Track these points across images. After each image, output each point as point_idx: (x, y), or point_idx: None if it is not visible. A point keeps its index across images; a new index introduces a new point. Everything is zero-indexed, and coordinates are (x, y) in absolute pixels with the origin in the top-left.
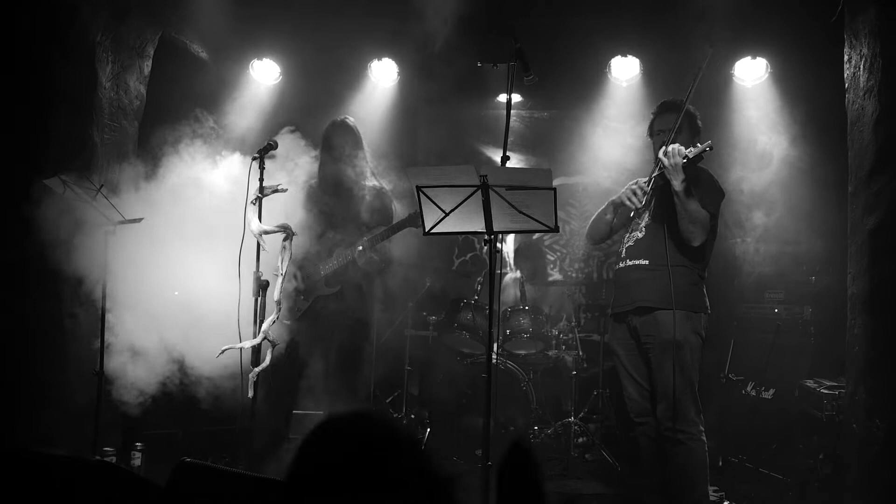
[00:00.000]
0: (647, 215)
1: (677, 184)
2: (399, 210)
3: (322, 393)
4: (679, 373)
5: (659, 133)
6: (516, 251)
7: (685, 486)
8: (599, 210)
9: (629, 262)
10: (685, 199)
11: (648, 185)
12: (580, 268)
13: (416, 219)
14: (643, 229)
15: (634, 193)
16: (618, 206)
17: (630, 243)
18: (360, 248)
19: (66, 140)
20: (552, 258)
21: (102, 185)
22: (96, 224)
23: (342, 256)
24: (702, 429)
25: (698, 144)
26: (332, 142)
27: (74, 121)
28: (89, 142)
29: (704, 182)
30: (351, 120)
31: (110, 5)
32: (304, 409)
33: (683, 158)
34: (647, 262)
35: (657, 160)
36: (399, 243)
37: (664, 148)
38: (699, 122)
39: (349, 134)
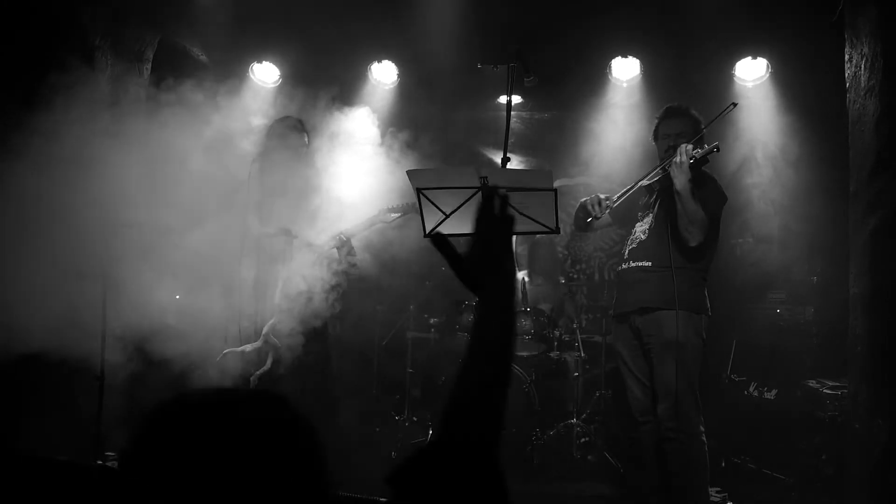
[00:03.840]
0: (649, 217)
1: (680, 182)
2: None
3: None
4: (682, 372)
5: (664, 137)
6: (534, 243)
7: (685, 486)
8: (577, 205)
9: (632, 264)
10: (687, 198)
11: (625, 194)
12: (582, 269)
13: (386, 215)
14: (646, 231)
15: (599, 203)
16: (581, 209)
17: (633, 245)
18: (334, 245)
19: None
20: None
21: None
22: (95, 226)
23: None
24: (702, 429)
25: (705, 146)
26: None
27: None
28: None
29: (708, 185)
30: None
31: (110, 9)
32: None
33: (691, 159)
34: (649, 263)
35: (660, 164)
36: (400, 245)
37: (683, 146)
38: (703, 128)
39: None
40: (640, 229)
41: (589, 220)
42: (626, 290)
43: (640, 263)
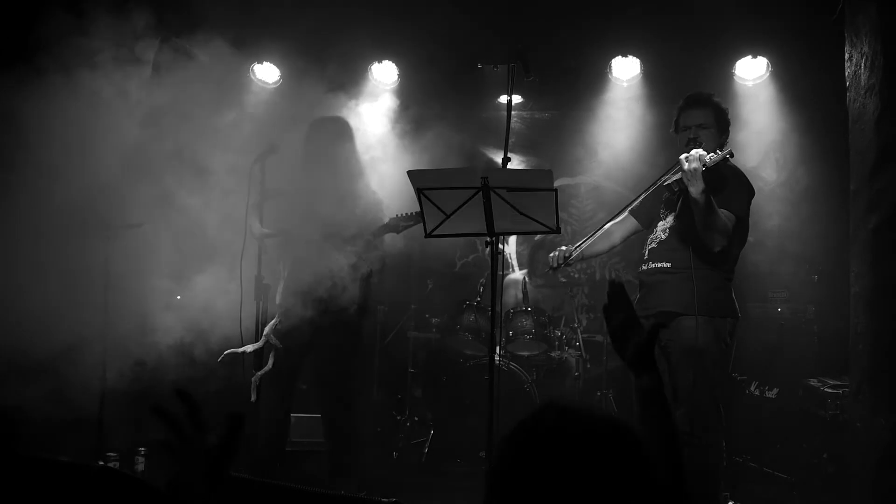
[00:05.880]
0: (671, 216)
1: (695, 191)
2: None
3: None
4: (700, 379)
5: (685, 129)
6: (534, 243)
7: (698, 493)
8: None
9: (651, 265)
10: (703, 207)
11: (592, 237)
12: (582, 268)
13: (397, 224)
14: (666, 231)
15: (560, 258)
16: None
17: (653, 245)
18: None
19: None
20: None
21: None
22: (96, 228)
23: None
24: (721, 437)
25: (718, 151)
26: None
27: None
28: None
29: (732, 182)
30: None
31: (109, 10)
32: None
33: (703, 166)
34: (668, 265)
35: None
36: (401, 246)
37: (694, 152)
38: (728, 118)
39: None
40: (661, 228)
41: (548, 270)
42: (646, 293)
43: (659, 265)
